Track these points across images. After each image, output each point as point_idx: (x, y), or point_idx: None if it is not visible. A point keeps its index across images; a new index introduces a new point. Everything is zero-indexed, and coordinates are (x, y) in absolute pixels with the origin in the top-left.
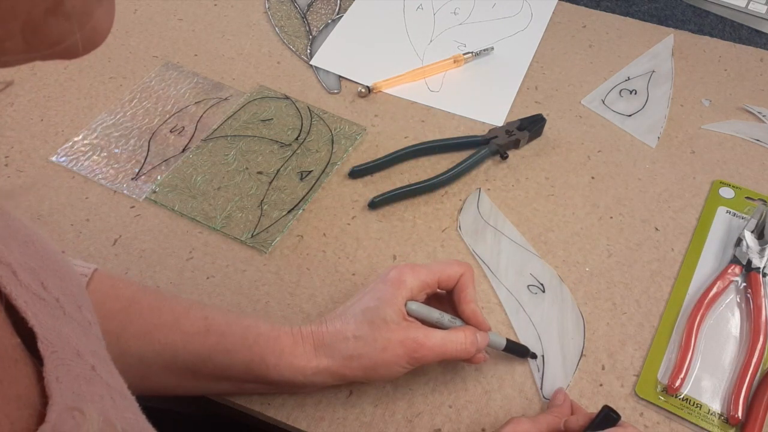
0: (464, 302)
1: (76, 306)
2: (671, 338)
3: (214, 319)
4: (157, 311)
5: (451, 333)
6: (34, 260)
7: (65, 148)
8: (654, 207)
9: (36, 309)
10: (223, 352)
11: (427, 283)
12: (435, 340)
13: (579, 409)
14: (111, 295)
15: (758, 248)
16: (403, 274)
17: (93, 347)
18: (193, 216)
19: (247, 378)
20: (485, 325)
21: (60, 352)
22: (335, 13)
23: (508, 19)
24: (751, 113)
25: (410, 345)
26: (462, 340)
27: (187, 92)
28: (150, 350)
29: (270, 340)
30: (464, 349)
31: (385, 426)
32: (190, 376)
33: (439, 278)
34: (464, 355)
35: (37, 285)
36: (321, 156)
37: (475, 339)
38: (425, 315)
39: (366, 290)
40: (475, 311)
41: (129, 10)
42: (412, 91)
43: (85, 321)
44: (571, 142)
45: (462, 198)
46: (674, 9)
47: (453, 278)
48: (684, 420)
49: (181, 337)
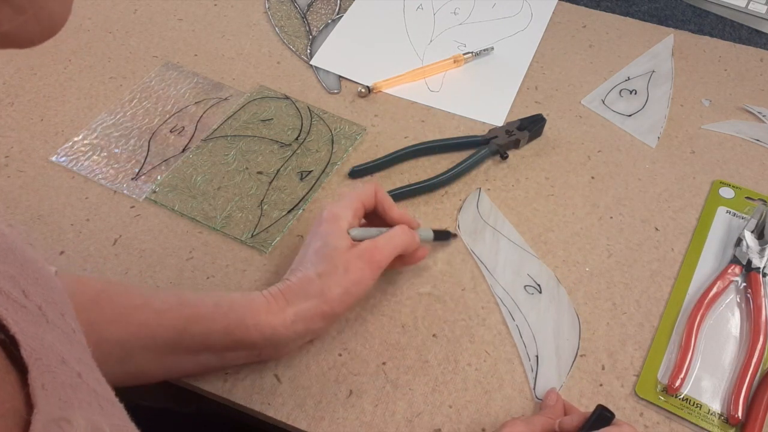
0: (388, 210)
1: (59, 313)
2: (671, 338)
3: (184, 295)
4: (126, 296)
5: (391, 231)
6: (13, 268)
7: (65, 148)
8: (654, 207)
9: (18, 317)
10: (199, 321)
11: (356, 209)
12: (382, 242)
13: (573, 409)
14: (78, 289)
15: (758, 248)
16: (335, 209)
17: (78, 354)
18: (193, 216)
19: (227, 344)
20: (414, 223)
21: (44, 359)
22: (335, 13)
23: (508, 19)
24: (751, 113)
25: (366, 255)
26: (401, 233)
27: (187, 92)
28: (126, 333)
29: (244, 303)
30: (408, 238)
31: (385, 426)
32: (169, 352)
33: (362, 200)
34: (410, 245)
35: (18, 293)
36: (321, 156)
37: (409, 230)
38: (369, 234)
39: (309, 238)
40: (401, 213)
41: (129, 10)
42: (412, 91)
43: (69, 328)
44: (571, 142)
45: (462, 198)
46: (674, 9)
47: (371, 196)
48: (684, 420)
49: (154, 314)
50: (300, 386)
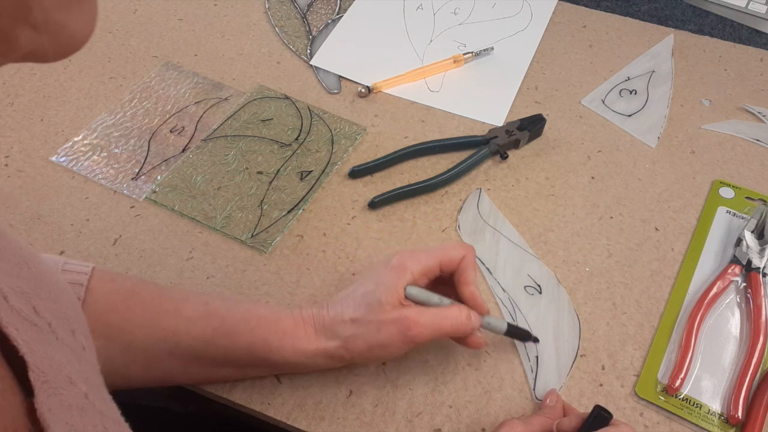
0: (463, 284)
1: (69, 330)
2: (671, 338)
3: (213, 304)
4: (157, 300)
5: (444, 309)
6: (26, 283)
7: (65, 148)
8: (654, 207)
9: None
10: (225, 335)
11: (429, 268)
12: (428, 317)
13: (571, 410)
14: (111, 289)
15: (758, 248)
16: (405, 260)
17: (86, 374)
18: (193, 216)
19: (249, 361)
20: (483, 308)
21: (52, 381)
22: (335, 13)
23: (508, 19)
24: (751, 113)
25: (403, 323)
26: (455, 315)
27: (187, 92)
28: (154, 338)
29: (271, 322)
30: (458, 323)
31: (385, 426)
32: (194, 362)
33: (441, 262)
34: (459, 331)
35: (29, 309)
36: (321, 156)
37: (469, 315)
38: (425, 299)
39: (368, 275)
40: (473, 293)
41: (129, 10)
42: (412, 91)
43: (78, 346)
44: (571, 142)
45: (462, 198)
46: (674, 9)
47: (454, 261)
48: (684, 420)
49: (183, 322)
50: (300, 386)
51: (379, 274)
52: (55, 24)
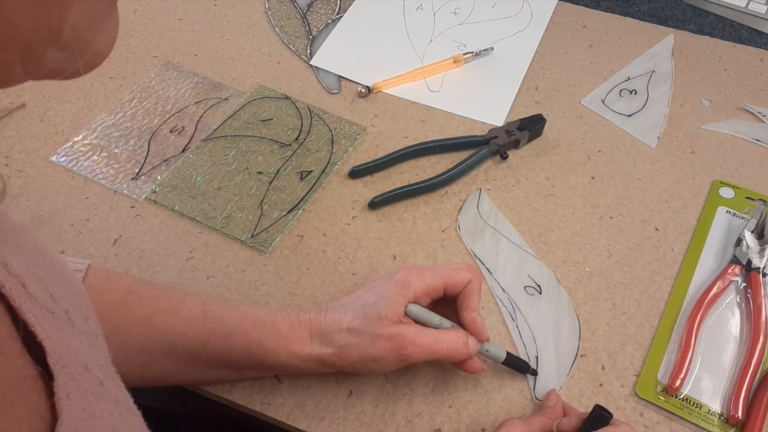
0: (466, 309)
1: (83, 317)
2: (671, 338)
3: (210, 305)
4: (155, 299)
5: (443, 332)
6: (43, 271)
7: (65, 148)
8: (654, 207)
9: (45, 322)
10: (222, 336)
11: (432, 288)
12: (425, 338)
13: (571, 410)
14: (107, 287)
15: (758, 248)
16: (410, 277)
17: (100, 361)
18: (193, 216)
19: (246, 363)
20: (483, 335)
21: (69, 366)
22: (335, 13)
23: (508, 19)
24: (751, 113)
25: (399, 341)
26: (453, 340)
27: (187, 92)
28: (150, 337)
29: (267, 325)
30: (455, 348)
31: (385, 426)
32: (190, 362)
33: (446, 283)
34: (455, 356)
35: (46, 297)
36: (321, 156)
37: (467, 341)
38: (425, 319)
39: (371, 286)
40: (475, 320)
41: (129, 10)
42: (412, 91)
43: (92, 333)
44: (571, 142)
45: (462, 198)
46: (674, 9)
47: (460, 284)
48: (684, 420)
49: (180, 322)
50: (300, 386)
51: (382, 287)
52: (83, 43)
